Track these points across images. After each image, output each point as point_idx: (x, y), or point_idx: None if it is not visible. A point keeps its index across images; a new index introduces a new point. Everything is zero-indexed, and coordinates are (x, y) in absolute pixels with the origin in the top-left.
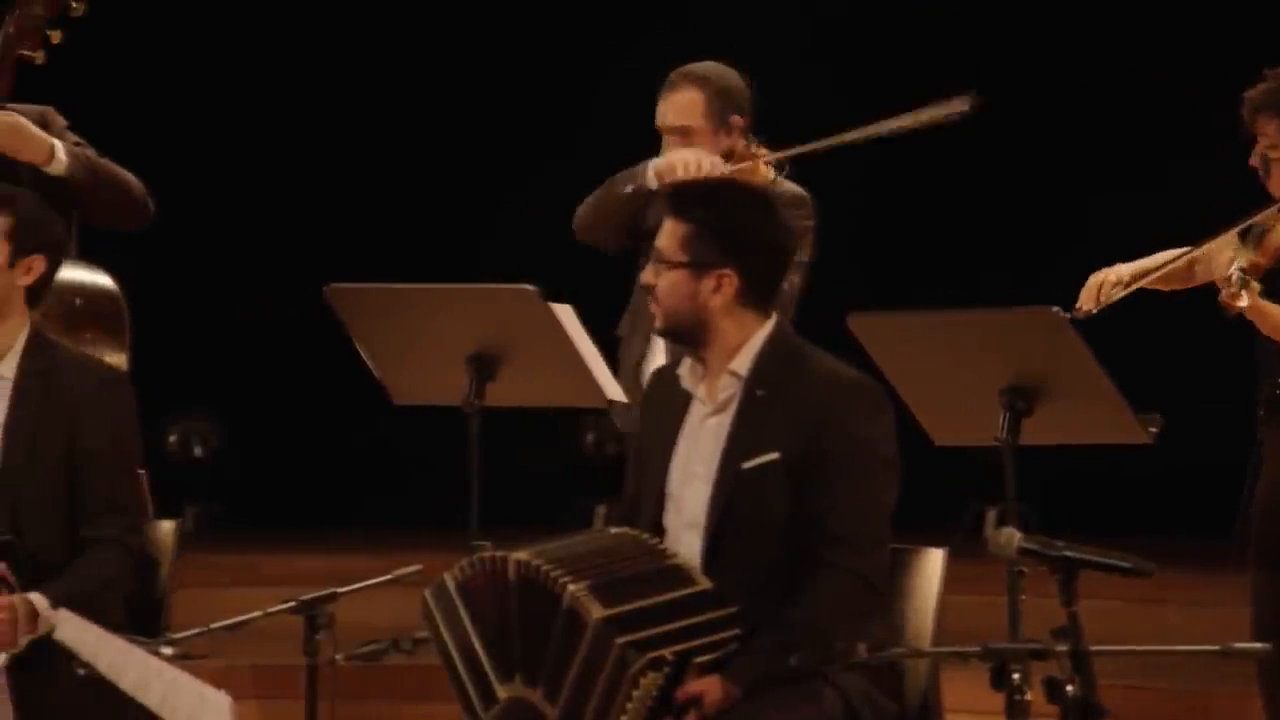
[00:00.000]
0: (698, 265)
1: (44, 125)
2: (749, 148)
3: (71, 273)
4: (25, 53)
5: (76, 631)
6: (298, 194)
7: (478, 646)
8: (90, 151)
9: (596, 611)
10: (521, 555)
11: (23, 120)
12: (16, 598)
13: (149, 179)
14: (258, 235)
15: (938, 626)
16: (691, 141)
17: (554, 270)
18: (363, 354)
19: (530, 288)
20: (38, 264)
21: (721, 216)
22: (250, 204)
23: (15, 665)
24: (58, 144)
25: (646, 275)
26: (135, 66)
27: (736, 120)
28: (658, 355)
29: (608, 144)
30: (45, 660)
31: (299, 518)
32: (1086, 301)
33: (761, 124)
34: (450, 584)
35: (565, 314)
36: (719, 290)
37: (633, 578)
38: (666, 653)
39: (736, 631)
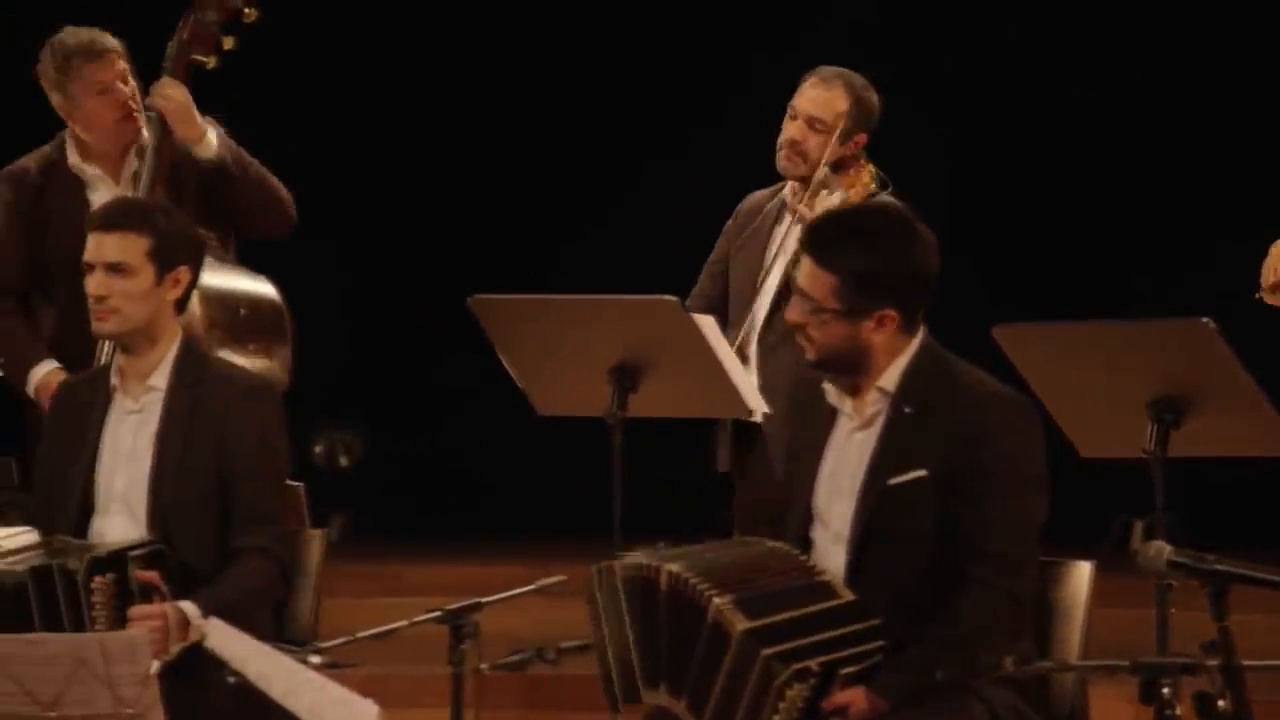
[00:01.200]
0: (854, 313)
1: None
2: (860, 165)
3: (238, 282)
4: (198, 58)
5: (226, 640)
6: (444, 203)
7: (631, 643)
8: (243, 152)
9: (741, 624)
10: (673, 567)
11: (189, 98)
12: (169, 605)
13: (297, 187)
14: (403, 245)
15: (1085, 640)
16: (815, 136)
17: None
18: (506, 365)
19: (672, 298)
20: (184, 275)
21: (870, 265)
22: (396, 213)
23: (167, 672)
24: (212, 130)
25: (793, 314)
26: (280, 75)
27: (860, 138)
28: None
29: (730, 150)
30: (197, 668)
31: (443, 527)
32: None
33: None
34: (619, 574)
35: (707, 325)
36: (881, 328)
37: (778, 591)
38: (812, 664)
39: (881, 644)
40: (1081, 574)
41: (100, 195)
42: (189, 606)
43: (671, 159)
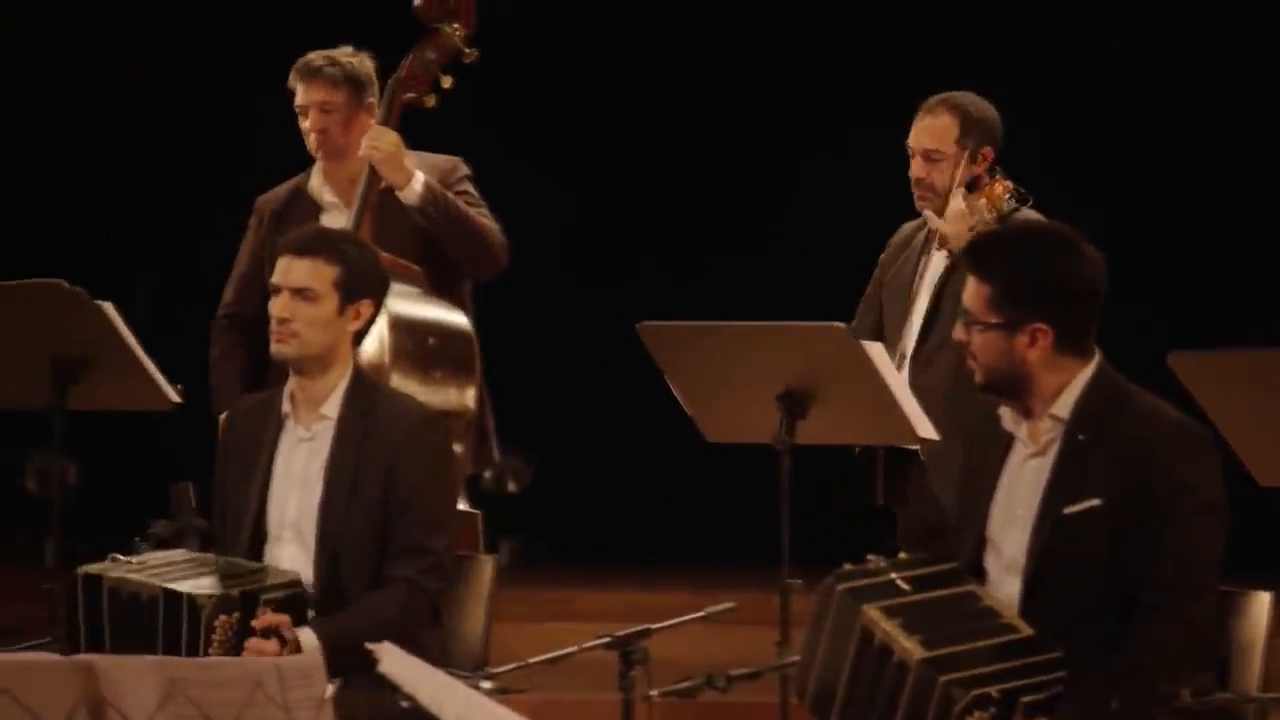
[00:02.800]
0: (1009, 325)
1: (441, 173)
2: (993, 180)
3: (429, 311)
4: (413, 96)
5: (400, 664)
6: (613, 229)
7: (845, 671)
8: (463, 203)
9: (919, 653)
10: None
11: (400, 144)
12: (290, 640)
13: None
14: (571, 271)
15: (1265, 670)
16: (935, 167)
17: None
18: (675, 391)
19: (841, 325)
20: (366, 309)
21: (1024, 273)
22: (566, 239)
23: (343, 696)
24: (419, 176)
25: (958, 333)
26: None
27: (987, 152)
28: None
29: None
30: (371, 691)
31: (612, 553)
32: None
33: None
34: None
35: (876, 351)
36: (1035, 344)
37: (954, 622)
38: (992, 691)
39: (1060, 674)
40: (1261, 604)
41: (332, 220)
42: (306, 635)
43: (831, 188)
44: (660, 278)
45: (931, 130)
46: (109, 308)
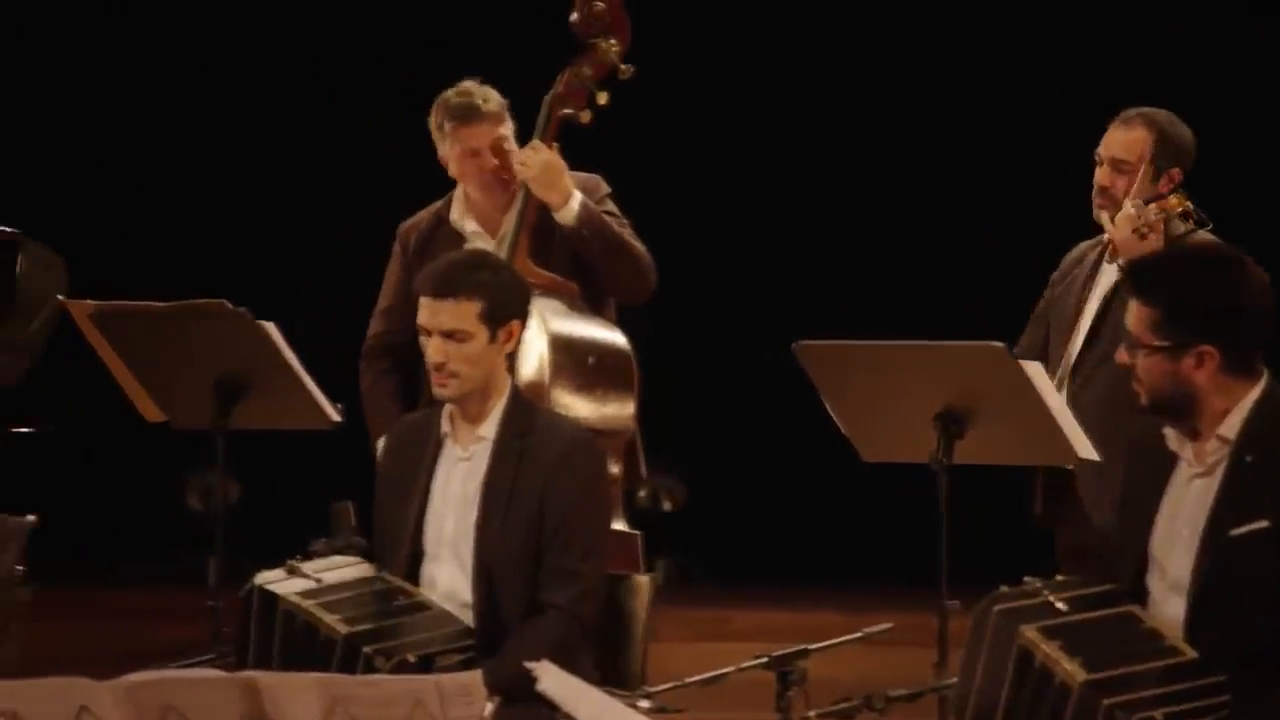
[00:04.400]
0: (1174, 348)
1: (591, 191)
2: (1177, 199)
3: (588, 329)
4: (570, 112)
5: (559, 683)
6: (767, 249)
7: (1004, 693)
8: (613, 221)
9: (1081, 675)
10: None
11: (560, 163)
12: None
13: None
14: (725, 292)
15: None
16: (1121, 178)
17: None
18: (831, 411)
19: (999, 344)
20: (515, 328)
21: (1189, 295)
22: (720, 258)
23: (501, 712)
24: (577, 196)
25: (1120, 356)
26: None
27: (1175, 173)
28: None
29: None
30: (530, 709)
31: (769, 573)
32: None
33: None
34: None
35: (1035, 371)
36: (1201, 366)
37: (1116, 644)
38: (1157, 715)
39: (1225, 699)
40: None
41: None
42: (474, 680)
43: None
44: (818, 295)
45: (1125, 141)
46: (271, 328)
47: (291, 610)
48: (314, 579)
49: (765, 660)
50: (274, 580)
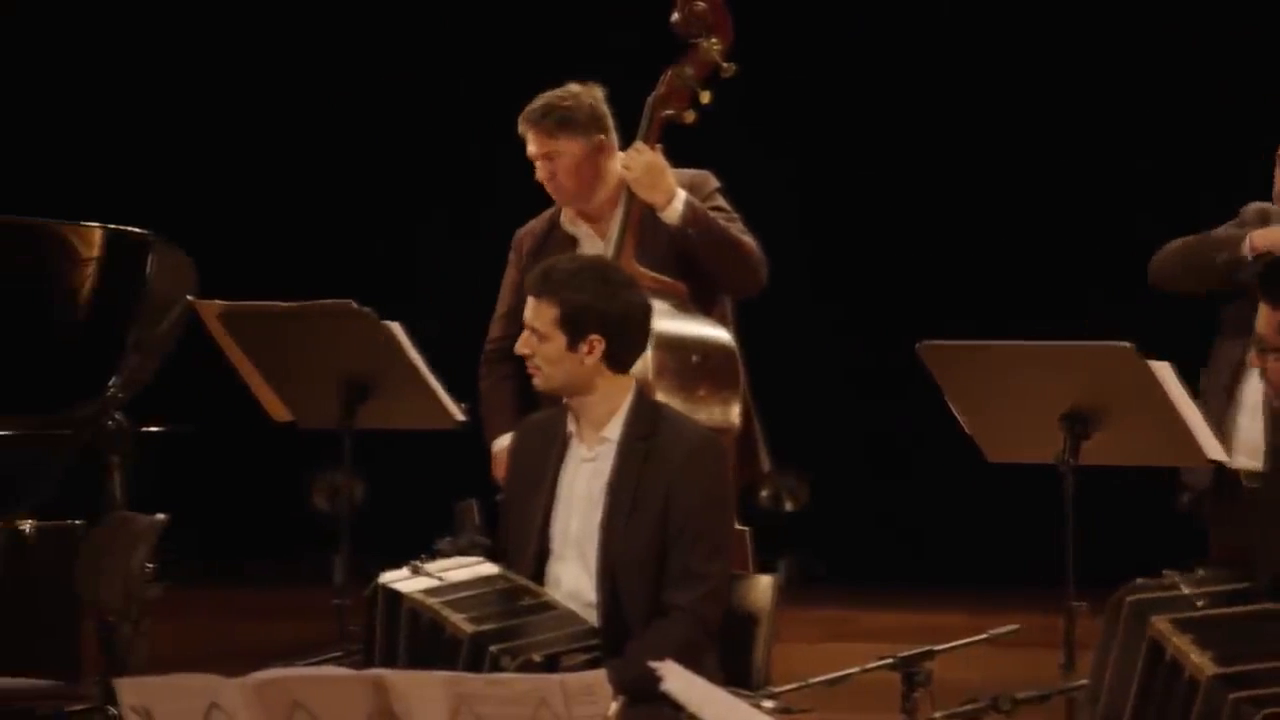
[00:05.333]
0: None
1: (691, 188)
2: None
3: (692, 328)
4: (672, 112)
5: (684, 683)
6: (892, 248)
7: (1133, 688)
8: (720, 217)
9: (1210, 669)
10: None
11: (662, 163)
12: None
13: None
14: (850, 290)
15: None
16: None
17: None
18: (955, 411)
19: (1127, 345)
20: (596, 343)
21: None
22: (845, 258)
23: (626, 712)
24: (681, 195)
25: (1252, 359)
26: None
27: None
28: (1244, 414)
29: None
30: (655, 709)
31: (892, 573)
32: None
33: None
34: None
35: (1164, 371)
36: None
37: (1251, 640)
38: None
39: None
40: None
41: (588, 251)
42: (598, 679)
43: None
44: (943, 293)
45: None
46: (396, 327)
47: (416, 609)
48: (437, 578)
49: (891, 661)
50: (398, 579)
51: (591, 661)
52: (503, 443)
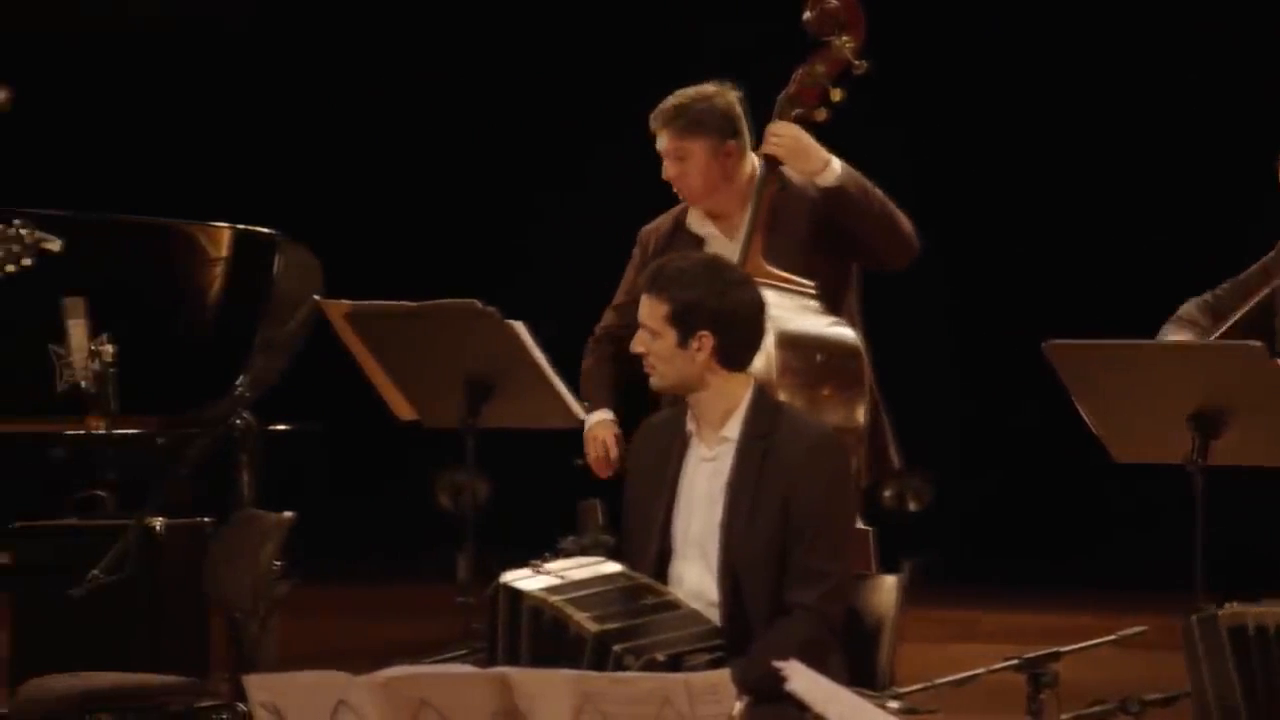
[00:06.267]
0: None
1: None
2: None
3: (817, 327)
4: (803, 111)
5: (809, 683)
6: (1019, 246)
7: (1239, 696)
8: (868, 182)
9: None
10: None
11: (803, 132)
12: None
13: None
14: (974, 288)
15: None
16: None
17: None
18: (1082, 411)
19: (1258, 344)
20: (706, 340)
21: None
22: (968, 258)
23: (750, 712)
24: (836, 160)
25: None
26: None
27: None
28: None
29: None
30: (779, 709)
31: (1017, 574)
32: None
33: None
34: (1222, 625)
35: None
36: None
37: None
38: None
39: None
40: None
41: (715, 251)
42: (722, 678)
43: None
44: (1070, 291)
45: None
46: (520, 327)
47: (538, 606)
48: (559, 576)
49: (1017, 662)
50: (519, 578)
51: (715, 662)
52: (593, 419)
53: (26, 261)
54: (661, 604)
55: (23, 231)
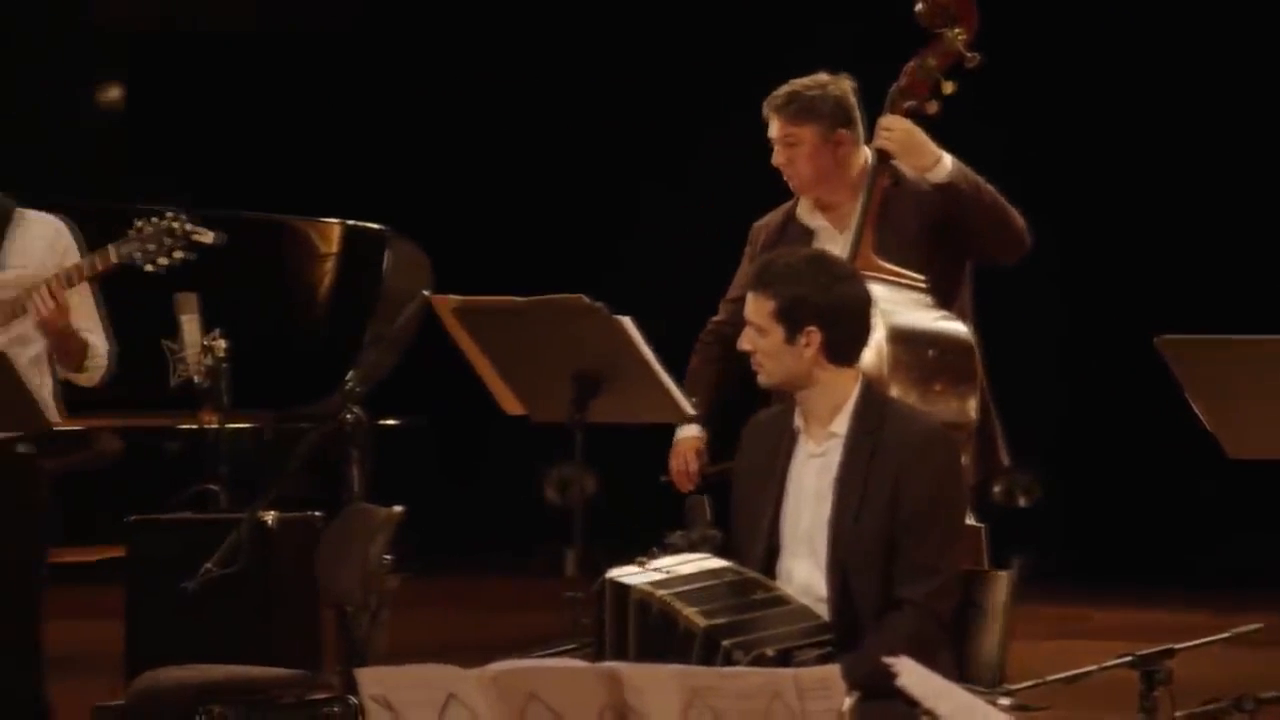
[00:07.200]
0: None
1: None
2: None
3: (928, 322)
4: (914, 103)
5: (919, 679)
6: (1132, 240)
7: None
8: (979, 178)
9: None
10: None
11: (914, 127)
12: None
13: None
14: (1086, 284)
15: None
16: None
17: None
18: (1195, 407)
19: None
20: (814, 336)
21: None
22: (1080, 253)
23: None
24: (947, 156)
25: None
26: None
27: None
28: None
29: None
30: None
31: (1128, 570)
32: None
33: None
34: None
35: None
36: None
37: None
38: None
39: None
40: None
41: (827, 247)
42: (832, 674)
43: None
44: (1182, 287)
45: None
46: (628, 322)
47: (645, 601)
48: (665, 572)
49: (1130, 659)
50: (626, 574)
51: (824, 657)
52: (681, 432)
53: (181, 254)
54: (770, 599)
55: (176, 225)
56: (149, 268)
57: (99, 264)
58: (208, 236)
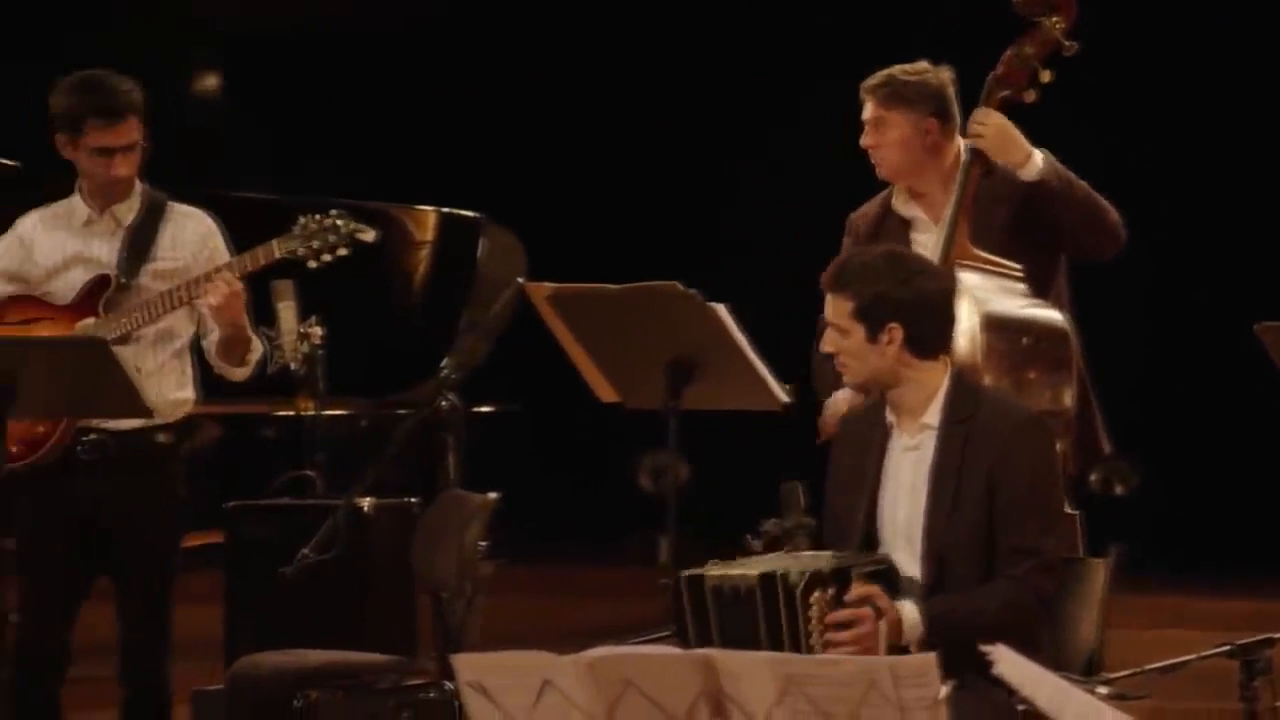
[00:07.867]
0: None
1: None
2: None
3: (1023, 310)
4: (1010, 93)
5: (1016, 666)
6: (1227, 227)
7: None
8: (1071, 174)
9: None
10: None
11: (1009, 123)
12: (884, 610)
13: None
14: (1183, 272)
15: None
16: None
17: None
18: None
19: None
20: (895, 332)
21: None
22: (1177, 242)
23: (956, 695)
24: (1038, 152)
25: None
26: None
27: None
28: None
29: None
30: (986, 692)
31: (1228, 558)
32: None
33: None
34: None
35: None
36: None
37: None
38: None
39: None
40: None
41: (923, 237)
42: (908, 610)
43: None
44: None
45: None
46: (722, 309)
47: (718, 585)
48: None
49: (1229, 648)
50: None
51: (878, 574)
52: (836, 397)
53: (343, 251)
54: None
55: (339, 222)
56: (312, 264)
57: (263, 258)
58: (369, 234)
